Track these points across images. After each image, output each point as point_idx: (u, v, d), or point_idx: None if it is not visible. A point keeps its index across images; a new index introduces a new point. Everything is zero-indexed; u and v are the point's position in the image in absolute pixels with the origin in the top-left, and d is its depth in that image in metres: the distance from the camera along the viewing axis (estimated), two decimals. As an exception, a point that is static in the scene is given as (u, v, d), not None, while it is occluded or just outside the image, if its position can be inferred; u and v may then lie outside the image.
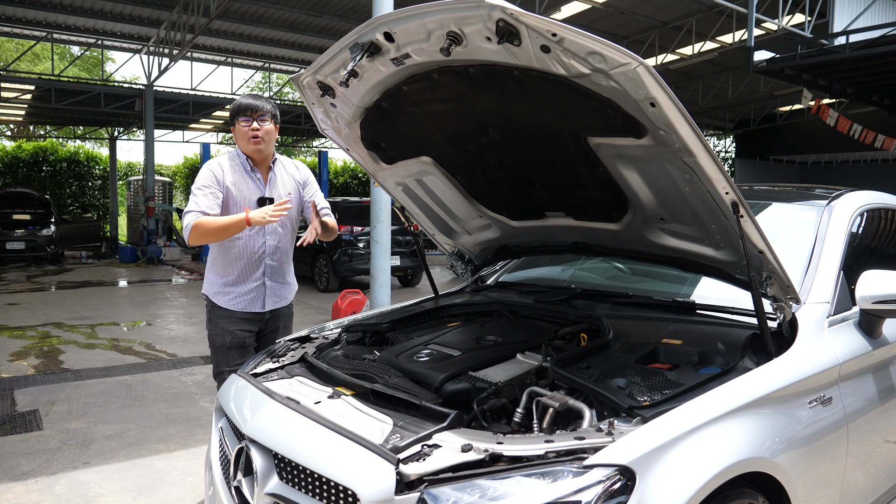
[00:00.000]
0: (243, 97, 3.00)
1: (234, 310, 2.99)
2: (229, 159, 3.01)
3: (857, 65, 11.37)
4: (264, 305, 3.03)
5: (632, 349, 2.17)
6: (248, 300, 3.00)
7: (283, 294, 3.12)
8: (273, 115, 2.98)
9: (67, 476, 3.56)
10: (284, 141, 27.09)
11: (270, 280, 3.04)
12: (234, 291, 2.99)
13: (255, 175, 3.00)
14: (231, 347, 2.98)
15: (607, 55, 1.65)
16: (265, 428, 1.96)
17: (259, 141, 2.93)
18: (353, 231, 10.95)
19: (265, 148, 2.96)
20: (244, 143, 2.95)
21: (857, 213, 2.67)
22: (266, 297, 3.03)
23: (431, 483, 1.56)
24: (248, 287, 3.00)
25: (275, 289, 3.07)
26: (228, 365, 2.96)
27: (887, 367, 2.41)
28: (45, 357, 6.23)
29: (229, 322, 2.99)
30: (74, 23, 14.28)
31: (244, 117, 2.93)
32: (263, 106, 2.95)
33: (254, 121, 2.92)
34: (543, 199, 2.59)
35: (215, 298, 3.01)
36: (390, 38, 1.97)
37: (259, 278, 3.01)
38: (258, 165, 3.02)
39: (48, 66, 19.79)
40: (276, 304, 3.08)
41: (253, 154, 2.97)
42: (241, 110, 2.94)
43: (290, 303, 3.19)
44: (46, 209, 15.19)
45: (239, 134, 2.96)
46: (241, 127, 2.93)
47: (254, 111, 2.93)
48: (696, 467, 1.61)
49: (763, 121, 23.25)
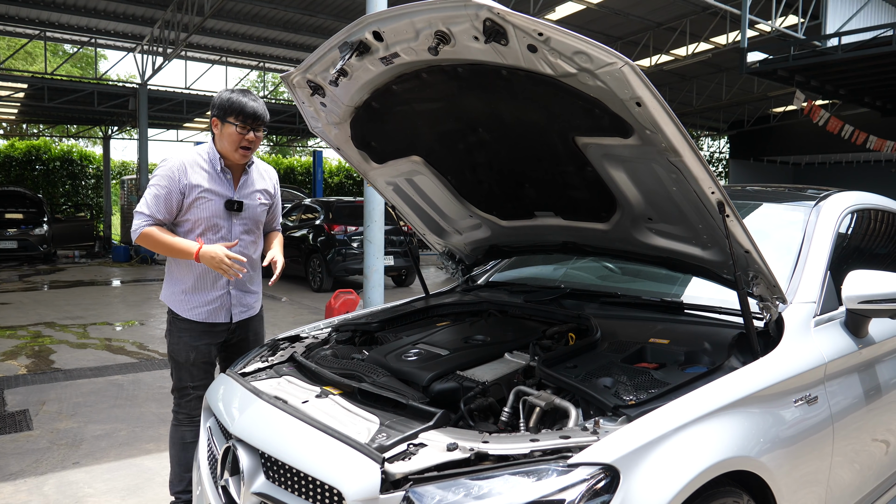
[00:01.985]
0: (239, 94, 2.68)
1: (198, 321, 2.76)
2: (198, 155, 2.73)
3: (849, 66, 11.44)
4: (231, 316, 2.82)
5: (619, 349, 2.17)
6: (211, 310, 2.77)
7: (250, 303, 2.90)
8: (266, 122, 2.73)
9: (56, 476, 3.54)
10: (279, 140, 27.04)
11: (236, 289, 2.82)
12: (196, 300, 2.76)
13: (227, 176, 2.75)
14: (195, 364, 2.77)
15: (593, 55, 1.65)
16: (252, 427, 1.96)
17: (249, 152, 2.72)
18: (347, 231, 10.94)
19: (251, 156, 2.77)
20: (229, 148, 2.68)
21: (844, 214, 2.68)
22: (232, 308, 2.82)
23: (417, 482, 1.57)
24: (212, 296, 2.77)
25: (240, 298, 2.85)
26: (193, 381, 2.78)
27: (873, 366, 2.42)
28: (36, 357, 6.20)
29: (193, 336, 2.76)
30: (68, 21, 14.22)
31: (241, 123, 2.65)
32: (265, 116, 2.70)
33: (251, 130, 2.67)
34: (533, 198, 2.60)
35: (176, 308, 2.77)
36: (379, 38, 1.97)
37: (224, 287, 2.78)
38: (231, 166, 2.77)
39: (41, 65, 19.71)
40: (243, 315, 2.87)
41: (237, 161, 2.74)
42: (241, 114, 2.64)
43: (258, 311, 2.98)
44: (39, 208, 15.10)
45: (228, 137, 2.67)
46: (233, 130, 2.65)
47: (255, 120, 2.66)
48: (681, 466, 1.62)
49: (757, 122, 23.34)
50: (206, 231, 2.72)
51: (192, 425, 2.79)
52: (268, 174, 2.95)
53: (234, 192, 2.77)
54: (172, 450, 2.84)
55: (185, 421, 2.81)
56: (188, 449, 2.78)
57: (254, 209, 2.83)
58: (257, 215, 2.86)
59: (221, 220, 2.74)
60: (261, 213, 2.88)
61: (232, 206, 2.74)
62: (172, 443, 2.84)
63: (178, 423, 2.83)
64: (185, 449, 2.80)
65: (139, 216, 2.66)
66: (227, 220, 2.76)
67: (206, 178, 2.70)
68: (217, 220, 2.73)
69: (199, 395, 2.78)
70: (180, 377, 2.81)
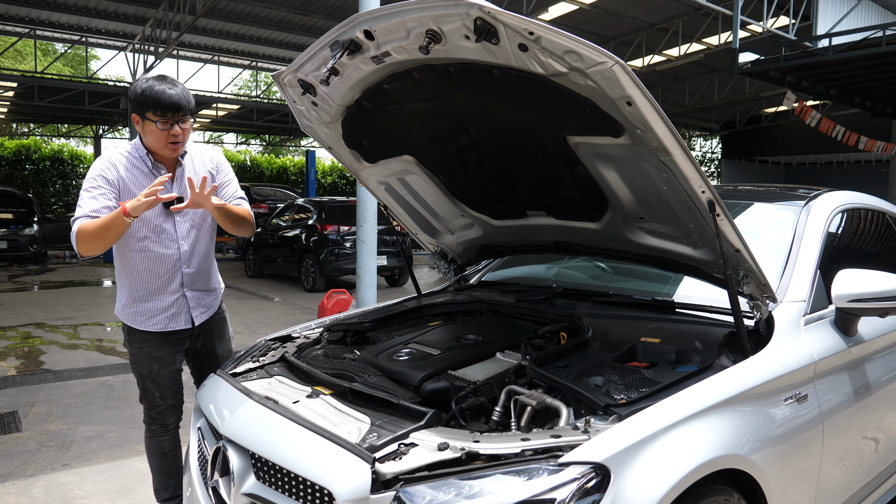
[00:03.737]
0: (154, 82, 2.40)
1: (155, 331, 2.57)
2: (126, 156, 2.51)
3: (839, 67, 11.51)
4: (192, 321, 2.63)
5: (610, 348, 2.18)
6: (167, 317, 2.57)
7: (209, 302, 2.70)
8: (192, 109, 2.47)
9: (46, 478, 3.52)
10: (272, 140, 26.97)
11: (191, 290, 2.62)
12: (150, 309, 2.55)
13: (160, 171, 2.51)
14: (160, 374, 2.61)
15: (584, 54, 1.65)
16: (242, 427, 1.95)
17: (178, 146, 2.47)
18: (340, 231, 10.92)
19: (181, 149, 2.52)
20: (159, 146, 2.45)
21: (834, 213, 2.69)
22: (191, 311, 2.62)
23: (407, 482, 1.56)
24: (166, 302, 2.56)
25: (198, 298, 2.64)
26: (160, 391, 2.63)
27: (862, 364, 2.44)
28: (25, 358, 6.16)
29: (154, 347, 2.58)
30: (58, 19, 14.14)
31: (161, 117, 2.39)
32: (188, 103, 2.43)
33: (174, 123, 2.41)
34: (525, 198, 2.60)
35: (131, 321, 2.57)
36: (370, 36, 1.96)
37: (177, 290, 2.57)
38: (162, 160, 2.53)
39: (32, 63, 19.59)
40: (204, 315, 2.67)
41: (168, 156, 2.51)
42: (156, 106, 2.37)
43: (219, 308, 2.78)
44: (29, 208, 14.99)
45: (151, 133, 2.42)
46: (154, 127, 2.40)
47: (175, 110, 2.39)
48: (671, 464, 1.62)
49: (749, 122, 23.46)
50: (149, 234, 2.50)
51: (167, 434, 2.73)
52: (206, 157, 2.68)
53: (172, 187, 2.52)
54: (152, 461, 2.75)
55: (160, 431, 2.72)
56: (168, 457, 2.74)
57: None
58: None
59: (163, 220, 2.52)
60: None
61: (171, 203, 2.41)
62: (151, 454, 2.74)
63: (153, 434, 2.72)
64: (164, 458, 2.73)
65: (74, 223, 2.38)
66: (169, 218, 2.54)
67: (139, 177, 2.49)
68: (159, 222, 2.51)
69: (170, 405, 2.69)
70: (146, 388, 2.65)
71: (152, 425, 2.73)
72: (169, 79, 2.46)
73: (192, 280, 2.63)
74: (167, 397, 2.68)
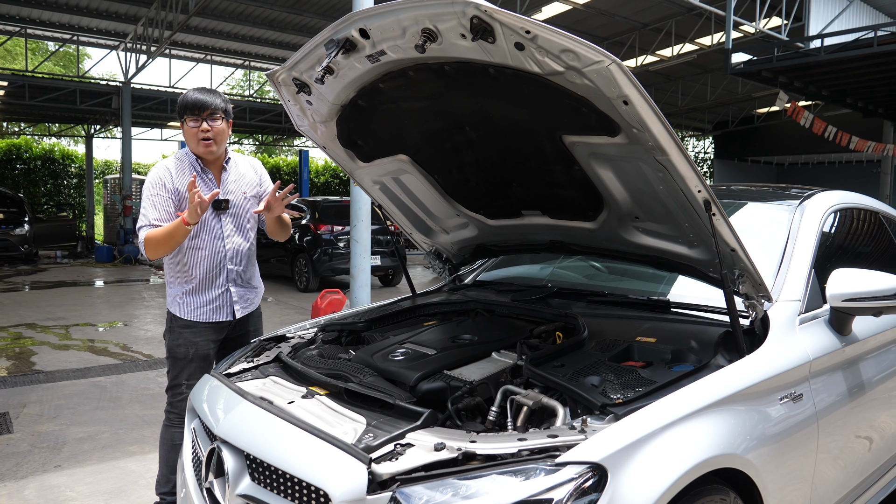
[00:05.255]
0: (191, 91, 2.72)
1: (199, 321, 2.79)
2: (177, 161, 2.79)
3: (831, 68, 11.57)
4: (233, 314, 2.85)
5: (606, 347, 2.17)
6: (212, 309, 2.81)
7: (250, 299, 2.94)
8: (225, 110, 2.73)
9: (38, 480, 3.49)
10: (265, 140, 26.88)
11: (235, 285, 2.85)
12: (196, 301, 2.79)
13: (207, 176, 2.80)
14: (193, 360, 2.79)
15: (580, 53, 1.65)
16: (237, 428, 1.93)
17: (210, 143, 2.71)
18: (334, 230, 10.90)
19: (217, 149, 2.75)
20: (193, 144, 2.73)
21: (828, 213, 2.70)
22: (234, 304, 2.85)
23: (404, 482, 1.55)
24: (212, 295, 2.80)
25: (241, 294, 2.88)
26: (188, 379, 2.78)
27: (856, 363, 2.45)
28: (16, 358, 6.11)
29: (194, 333, 2.79)
30: (49, 18, 14.04)
31: (192, 116, 2.68)
32: (213, 102, 2.69)
33: (203, 121, 2.68)
34: (520, 197, 2.59)
35: (179, 312, 2.81)
36: (366, 35, 1.95)
37: (223, 284, 2.82)
38: (209, 166, 2.82)
39: (22, 62, 19.44)
40: (245, 311, 2.90)
41: (204, 155, 2.76)
42: (187, 108, 2.68)
43: (258, 306, 3.02)
44: (20, 208, 14.89)
45: (188, 134, 2.72)
46: (190, 127, 2.70)
47: (202, 109, 2.67)
48: (668, 464, 1.62)
49: (741, 122, 23.57)
50: (199, 233, 2.75)
51: (182, 426, 2.77)
52: (251, 166, 2.96)
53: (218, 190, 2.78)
54: (162, 450, 2.85)
55: (177, 421, 2.80)
56: (177, 451, 2.74)
57: (240, 205, 2.86)
58: (245, 210, 2.87)
59: (211, 220, 2.78)
60: (249, 207, 2.89)
61: (219, 206, 2.77)
62: (162, 443, 2.84)
63: (170, 423, 2.83)
64: (173, 450, 2.78)
65: (141, 230, 2.68)
66: (216, 219, 2.79)
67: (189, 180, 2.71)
68: (207, 221, 2.76)
69: None
70: (176, 374, 2.81)
71: (171, 413, 2.83)
72: (205, 88, 2.75)
73: (236, 276, 2.85)
74: (192, 385, 2.74)
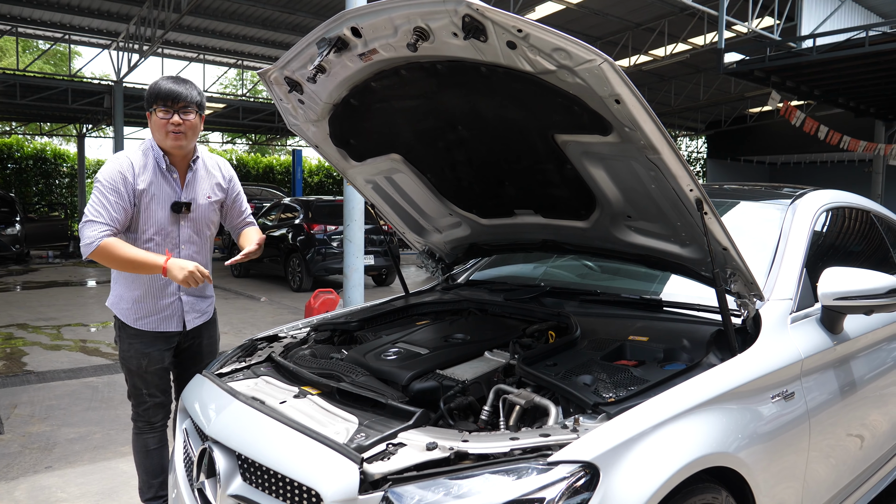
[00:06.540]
0: (163, 80, 2.48)
1: (147, 330, 2.59)
2: (142, 154, 2.52)
3: (823, 67, 11.64)
4: (184, 324, 2.66)
5: (599, 346, 2.17)
6: (162, 318, 2.60)
7: (204, 308, 2.74)
8: (199, 104, 2.51)
9: (28, 481, 3.46)
10: (258, 139, 26.80)
11: (187, 294, 2.65)
12: (144, 309, 2.58)
13: (172, 175, 2.55)
14: (148, 371, 2.62)
15: (572, 51, 1.65)
16: (228, 428, 1.92)
17: (180, 137, 2.47)
18: (327, 230, 10.87)
19: (186, 144, 2.50)
20: (161, 137, 2.48)
21: (820, 212, 2.71)
22: (185, 314, 2.65)
23: (396, 482, 1.55)
24: (163, 304, 2.60)
25: (193, 304, 2.68)
26: (147, 388, 2.64)
27: (848, 362, 2.45)
28: (7, 359, 6.07)
29: (144, 344, 2.60)
30: (41, 17, 13.95)
31: (163, 107, 2.44)
32: (188, 94, 2.45)
33: (175, 113, 2.45)
34: (512, 196, 2.59)
35: (124, 317, 2.59)
36: (357, 34, 1.94)
37: (174, 293, 2.61)
38: (176, 163, 2.56)
39: (13, 61, 19.31)
40: (197, 321, 2.70)
41: (172, 150, 2.51)
42: (159, 97, 2.44)
43: (212, 315, 2.82)
44: (11, 207, 14.77)
45: (156, 125, 2.46)
46: (159, 118, 2.45)
47: (175, 101, 2.43)
48: (660, 463, 1.62)
49: (734, 122, 23.65)
50: (155, 236, 2.53)
51: (153, 432, 2.72)
52: (218, 166, 2.74)
53: (182, 192, 2.57)
54: (137, 457, 2.76)
55: (146, 429, 2.71)
56: (152, 456, 2.73)
57: (203, 209, 2.64)
58: (208, 215, 2.66)
59: (169, 224, 2.56)
60: (212, 213, 2.69)
61: (179, 209, 2.53)
62: (136, 451, 2.76)
63: (139, 431, 2.73)
64: (148, 456, 2.72)
65: (93, 225, 2.36)
66: (174, 224, 2.57)
67: (154, 178, 2.51)
68: (165, 225, 2.55)
69: (157, 402, 2.70)
70: (134, 384, 2.67)
71: (138, 422, 2.73)
72: (180, 78, 2.52)
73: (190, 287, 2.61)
74: (154, 394, 2.68)
